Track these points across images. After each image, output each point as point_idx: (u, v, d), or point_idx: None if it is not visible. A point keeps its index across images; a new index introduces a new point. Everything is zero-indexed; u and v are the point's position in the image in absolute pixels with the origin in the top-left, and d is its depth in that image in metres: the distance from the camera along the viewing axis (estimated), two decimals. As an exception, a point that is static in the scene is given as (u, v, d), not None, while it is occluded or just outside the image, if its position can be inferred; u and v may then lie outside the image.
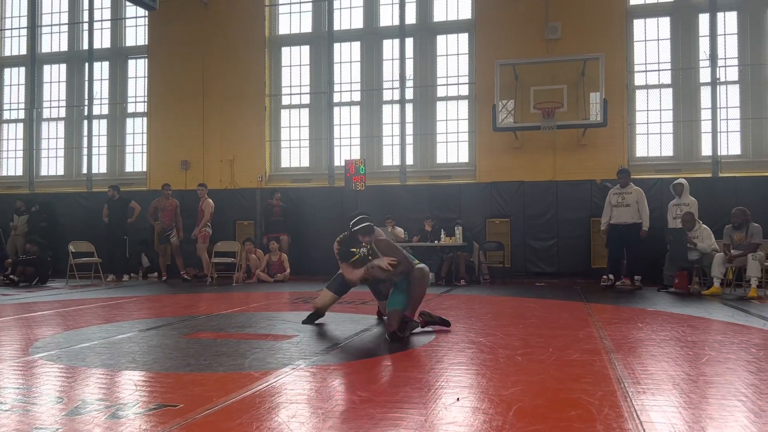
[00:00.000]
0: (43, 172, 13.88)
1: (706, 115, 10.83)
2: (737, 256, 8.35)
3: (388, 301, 5.03)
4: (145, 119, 13.22)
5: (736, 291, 8.61)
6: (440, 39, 12.06)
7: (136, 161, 13.43)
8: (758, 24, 10.78)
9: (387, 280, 5.10)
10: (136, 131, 13.44)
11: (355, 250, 4.94)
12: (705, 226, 8.83)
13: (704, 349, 4.55)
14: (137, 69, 13.47)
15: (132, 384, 3.52)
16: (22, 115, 13.96)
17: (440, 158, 11.97)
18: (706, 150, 10.80)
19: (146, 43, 13.21)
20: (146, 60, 13.20)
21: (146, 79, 13.17)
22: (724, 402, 3.06)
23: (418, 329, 5.11)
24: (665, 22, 11.11)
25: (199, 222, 11.03)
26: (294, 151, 12.70)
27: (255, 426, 2.69)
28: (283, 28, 12.81)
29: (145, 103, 13.17)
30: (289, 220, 11.29)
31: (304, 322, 5.66)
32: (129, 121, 13.53)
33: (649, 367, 3.84)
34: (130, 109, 13.51)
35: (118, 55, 13.56)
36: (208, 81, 12.62)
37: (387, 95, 12.24)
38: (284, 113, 12.76)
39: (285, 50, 12.79)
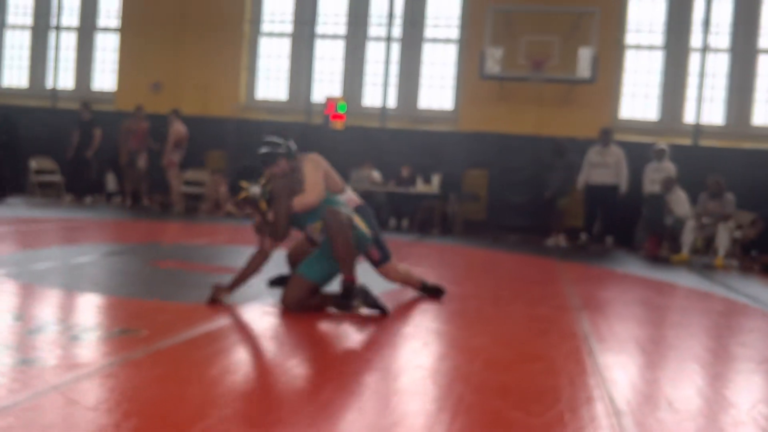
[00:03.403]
0: (5, 83, 13.39)
1: (693, 81, 10.87)
2: (709, 225, 8.55)
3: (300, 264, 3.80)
4: (117, 35, 12.76)
5: (703, 259, 8.84)
6: (433, -23, 11.76)
7: (104, 79, 13.03)
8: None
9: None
10: (108, 47, 12.99)
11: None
12: (681, 192, 8.99)
13: (668, 313, 4.70)
14: (111, -21, 12.92)
15: (94, 307, 3.51)
16: (-16, 19, 13.38)
17: (423, 103, 11.84)
18: (689, 117, 10.88)
19: (122, -47, 12.64)
20: (121, -29, 12.65)
21: (120, -9, 12.67)
22: (684, 365, 3.19)
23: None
24: (664, -20, 10.99)
25: (166, 148, 10.78)
26: (272, 82, 12.43)
27: (221, 358, 2.72)
28: (269, -49, 12.35)
29: (119, 19, 12.69)
30: None
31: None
32: (100, 36, 13.03)
33: (614, 327, 3.96)
34: (102, 23, 13.00)
35: (91, -36, 12.97)
36: (187, 1, 12.17)
37: (373, 32, 11.98)
38: (264, 41, 12.42)
39: (269, -26, 12.37)
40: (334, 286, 3.67)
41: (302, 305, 3.60)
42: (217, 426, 1.97)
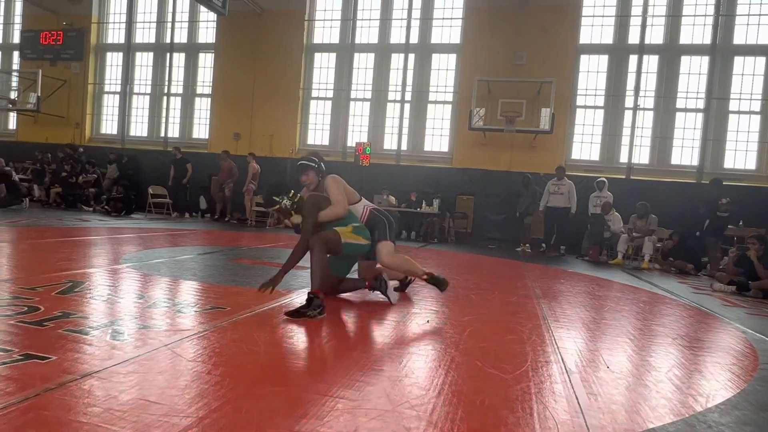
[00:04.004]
0: (132, 133, 13.73)
1: (626, 131, 10.78)
2: (637, 238, 8.45)
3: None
4: (209, 99, 13.02)
5: (633, 263, 8.73)
6: (434, 57, 11.85)
7: (201, 130, 13.28)
8: (673, 66, 10.66)
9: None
10: (203, 108, 13.26)
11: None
12: (617, 213, 8.89)
13: (606, 301, 4.64)
14: (206, 61, 13.20)
15: (192, 290, 3.57)
16: (118, 89, 13.73)
17: (427, 147, 11.89)
18: (623, 158, 10.79)
19: (214, 41, 12.93)
20: (213, 54, 12.94)
21: (212, 69, 12.93)
22: (617, 339, 3.15)
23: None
24: (604, 59, 10.96)
25: (246, 180, 10.97)
26: (318, 132, 12.57)
27: (281, 327, 2.76)
28: (317, 38, 12.54)
29: (211, 87, 12.96)
30: None
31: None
32: (197, 100, 13.32)
33: (566, 310, 3.93)
34: (199, 90, 13.28)
35: (192, 49, 13.26)
36: (258, 74, 12.39)
37: (391, 96, 12.08)
38: (313, 103, 12.58)
39: (317, 55, 12.54)
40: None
41: (334, 290, 3.67)
42: (279, 374, 2.00)
